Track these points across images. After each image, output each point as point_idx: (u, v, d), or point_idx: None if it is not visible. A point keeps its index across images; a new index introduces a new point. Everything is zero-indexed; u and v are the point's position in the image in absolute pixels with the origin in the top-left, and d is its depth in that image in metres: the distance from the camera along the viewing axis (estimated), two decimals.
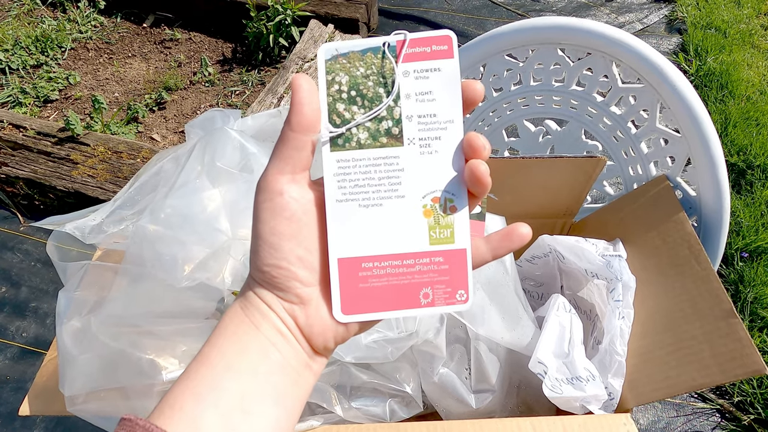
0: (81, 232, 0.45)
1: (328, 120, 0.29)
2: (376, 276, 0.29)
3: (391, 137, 0.29)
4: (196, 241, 0.38)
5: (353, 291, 0.29)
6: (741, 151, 1.53)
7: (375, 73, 0.29)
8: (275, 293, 0.29)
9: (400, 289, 0.30)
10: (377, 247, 0.29)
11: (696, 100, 0.59)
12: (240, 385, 0.27)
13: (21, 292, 1.26)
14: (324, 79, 0.29)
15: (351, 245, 0.29)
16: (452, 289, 0.30)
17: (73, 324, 0.47)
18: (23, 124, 1.47)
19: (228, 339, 0.28)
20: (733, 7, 2.06)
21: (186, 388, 0.27)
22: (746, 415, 1.10)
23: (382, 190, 0.29)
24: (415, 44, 0.30)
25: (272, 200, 0.28)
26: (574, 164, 0.59)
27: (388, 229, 0.29)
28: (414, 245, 0.29)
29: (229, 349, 0.28)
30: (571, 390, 0.50)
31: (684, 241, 0.56)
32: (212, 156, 0.40)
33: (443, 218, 0.30)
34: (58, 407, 0.50)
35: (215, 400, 0.26)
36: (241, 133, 0.41)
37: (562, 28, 0.64)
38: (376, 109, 0.29)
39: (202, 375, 0.27)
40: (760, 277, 1.26)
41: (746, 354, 0.47)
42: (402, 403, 0.54)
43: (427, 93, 0.30)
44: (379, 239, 0.29)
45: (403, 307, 0.30)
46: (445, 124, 0.29)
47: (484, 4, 2.03)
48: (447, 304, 0.30)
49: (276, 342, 0.28)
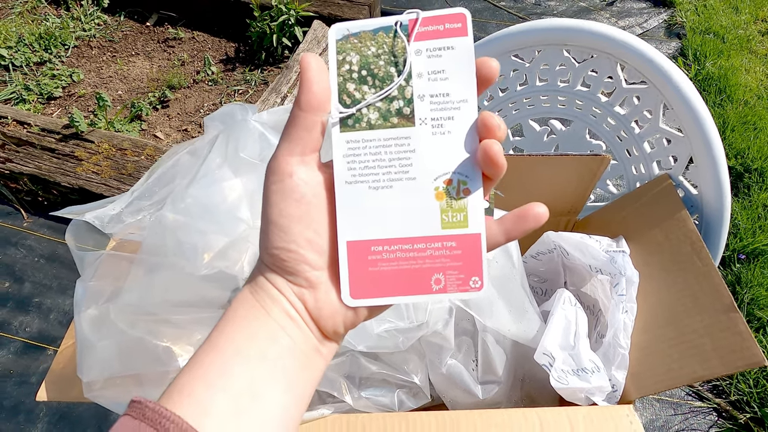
0: (101, 222, 0.46)
1: (338, 100, 0.28)
2: (386, 260, 0.28)
3: (402, 117, 0.28)
4: (217, 230, 0.39)
5: (362, 275, 0.28)
6: (739, 155, 1.55)
7: (386, 52, 0.29)
8: (285, 277, 0.28)
9: (411, 274, 0.29)
10: (387, 230, 0.28)
11: (699, 101, 0.60)
12: (249, 370, 0.27)
13: (24, 288, 1.27)
14: (335, 58, 0.29)
15: (360, 228, 0.28)
16: (465, 275, 0.29)
17: (90, 312, 0.48)
18: (27, 120, 1.47)
19: (237, 324, 0.28)
20: (731, 13, 2.09)
21: (195, 372, 0.27)
22: (743, 413, 1.12)
23: (393, 172, 0.28)
24: (428, 23, 0.29)
25: (282, 182, 0.28)
26: (579, 162, 0.60)
27: (398, 212, 0.28)
28: (425, 229, 0.28)
29: (239, 334, 0.28)
30: (577, 381, 0.51)
31: (686, 238, 0.57)
32: (235, 147, 0.41)
33: (456, 201, 0.28)
34: (74, 394, 0.51)
35: (224, 385, 0.26)
36: (263, 124, 0.42)
37: (568, 29, 0.65)
38: (387, 88, 0.28)
39: (212, 360, 0.27)
40: (756, 279, 1.27)
41: (746, 347, 0.49)
42: (410, 393, 0.55)
43: (440, 72, 0.29)
44: (389, 222, 0.28)
45: (414, 293, 0.29)
46: (458, 103, 0.28)
47: (485, 6, 2.05)
48: (460, 290, 0.29)
49: (285, 326, 0.28)
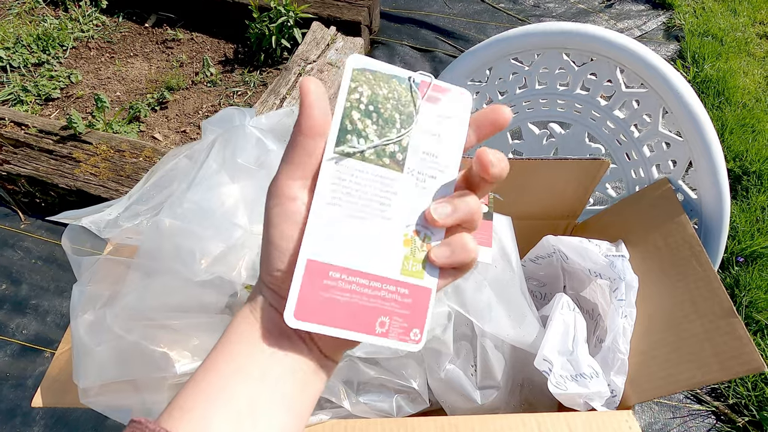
0: (97, 227, 0.46)
1: (340, 121, 0.29)
2: (340, 289, 0.28)
3: (394, 161, 0.30)
4: (214, 236, 0.39)
5: (313, 298, 0.28)
6: (737, 157, 1.55)
7: (395, 98, 0.30)
8: (285, 298, 0.28)
9: (360, 310, 0.29)
10: (350, 260, 0.29)
11: (698, 105, 0.60)
12: (250, 389, 0.27)
13: (21, 290, 1.26)
14: (347, 84, 0.29)
15: (325, 250, 0.28)
16: (408, 325, 0.29)
17: (87, 317, 0.48)
18: (25, 121, 1.47)
19: (238, 342, 0.28)
20: (730, 16, 2.09)
21: (196, 390, 0.27)
22: (741, 417, 1.12)
23: (371, 206, 0.29)
24: (437, 89, 0.31)
25: (283, 205, 0.28)
26: (579, 166, 0.60)
27: (365, 246, 0.29)
28: (386, 270, 0.29)
29: (239, 353, 0.28)
30: (576, 387, 0.51)
31: (685, 242, 0.57)
32: (232, 152, 0.41)
33: (419, 252, 0.30)
34: (69, 399, 0.51)
35: (225, 403, 0.26)
36: (261, 130, 0.42)
37: (568, 33, 0.65)
38: (396, 136, 0.30)
39: (212, 377, 0.27)
40: (755, 282, 1.27)
41: (746, 352, 0.49)
42: (408, 398, 0.55)
43: (436, 135, 0.30)
44: (353, 253, 0.29)
45: (357, 330, 0.29)
46: (443, 167, 0.30)
47: (485, 8, 2.05)
48: (400, 339, 0.29)
49: (285, 346, 0.28)
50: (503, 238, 0.54)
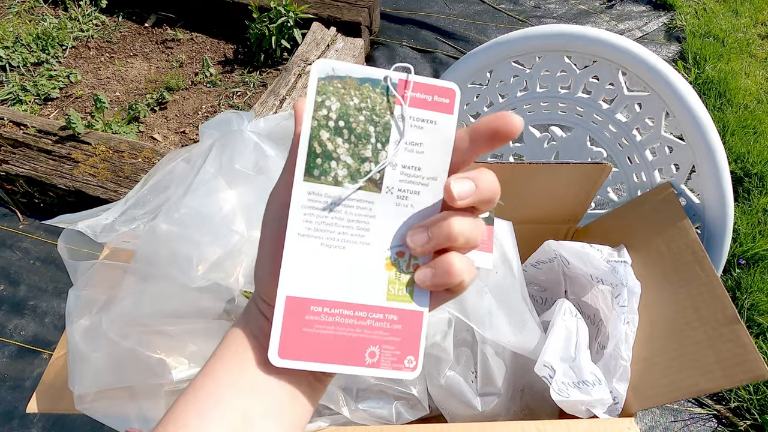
0: (93, 231, 0.45)
1: (307, 146, 0.26)
2: (324, 323, 0.27)
3: (370, 181, 0.27)
4: (211, 242, 0.39)
5: (296, 335, 0.27)
6: (739, 159, 1.55)
7: (369, 108, 0.27)
8: None
9: (347, 342, 0.27)
10: (331, 292, 0.27)
11: (701, 109, 0.60)
12: (242, 402, 0.27)
13: (19, 290, 1.26)
14: (313, 98, 0.27)
15: (303, 285, 0.27)
16: (401, 352, 0.28)
17: (83, 322, 0.47)
18: (24, 121, 1.46)
19: (231, 355, 0.28)
20: (731, 17, 2.09)
21: (190, 402, 0.27)
22: (743, 420, 1.11)
23: (349, 233, 0.27)
24: (417, 89, 0.28)
25: (282, 212, 0.28)
26: (581, 170, 0.59)
27: (346, 276, 0.27)
28: (370, 297, 0.27)
29: (234, 366, 0.28)
30: (578, 394, 0.50)
31: (688, 247, 0.56)
32: (230, 157, 0.40)
33: (404, 275, 0.28)
34: (65, 405, 0.50)
35: (219, 417, 0.26)
36: (258, 135, 0.42)
37: (569, 35, 0.65)
38: (375, 168, 0.27)
39: (206, 390, 0.27)
40: (756, 284, 1.27)
41: (750, 359, 0.48)
42: (408, 405, 0.54)
43: (418, 144, 0.27)
44: (334, 284, 0.27)
45: (345, 363, 0.27)
46: (428, 180, 0.28)
47: (485, 9, 2.05)
48: (393, 368, 0.28)
49: None
50: (504, 244, 0.53)
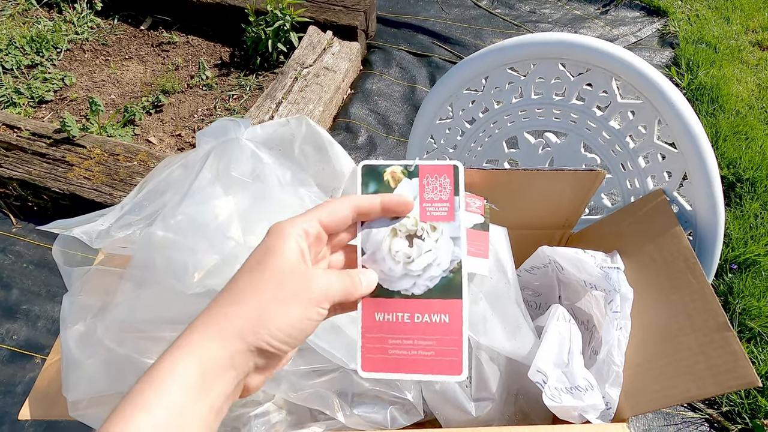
0: (89, 237, 0.45)
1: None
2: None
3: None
4: (207, 249, 0.39)
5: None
6: (731, 165, 1.56)
7: None
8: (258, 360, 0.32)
9: None
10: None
11: (693, 117, 0.60)
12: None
13: (12, 294, 1.25)
14: None
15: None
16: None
17: (77, 328, 0.47)
18: (17, 124, 1.46)
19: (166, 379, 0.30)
20: (723, 23, 2.11)
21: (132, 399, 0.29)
22: (734, 424, 1.12)
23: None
24: None
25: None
26: (575, 177, 0.60)
27: None
28: None
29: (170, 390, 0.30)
30: (571, 399, 0.51)
31: (680, 254, 0.57)
32: (227, 165, 0.40)
33: None
34: (58, 411, 0.50)
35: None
36: (255, 143, 0.42)
37: (563, 43, 0.65)
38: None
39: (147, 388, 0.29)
40: (748, 289, 1.28)
41: (740, 366, 0.49)
42: (403, 410, 0.55)
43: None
44: None
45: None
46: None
47: (481, 13, 2.06)
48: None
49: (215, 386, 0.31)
50: (499, 250, 0.54)
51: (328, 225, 0.35)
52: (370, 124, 1.65)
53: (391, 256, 0.36)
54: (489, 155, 0.80)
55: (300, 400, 0.48)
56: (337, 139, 1.62)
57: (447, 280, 0.36)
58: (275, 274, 0.32)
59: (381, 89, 1.74)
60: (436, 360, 0.35)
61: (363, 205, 0.36)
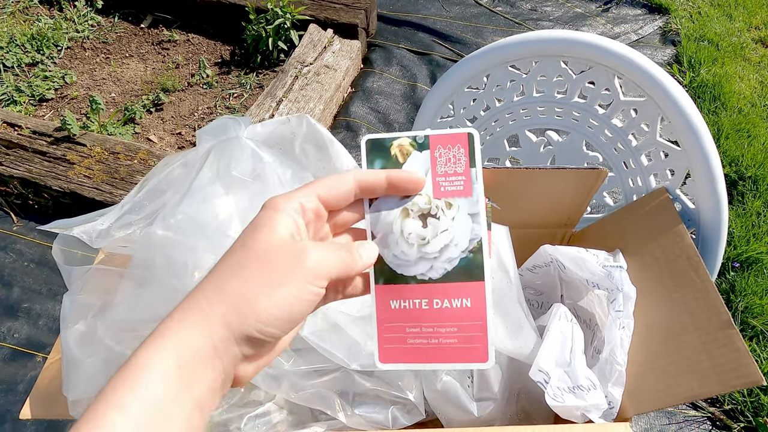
0: (89, 237, 0.45)
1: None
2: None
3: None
4: (207, 248, 0.39)
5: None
6: (733, 162, 1.56)
7: None
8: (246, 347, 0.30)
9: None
10: None
11: (696, 115, 0.60)
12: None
13: (13, 293, 1.25)
14: None
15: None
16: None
17: (78, 328, 0.47)
18: (18, 122, 1.45)
19: (148, 375, 0.27)
20: (725, 20, 2.10)
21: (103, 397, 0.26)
22: (736, 423, 1.12)
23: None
24: None
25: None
26: (577, 175, 0.59)
27: None
28: None
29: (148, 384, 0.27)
30: (573, 399, 0.50)
31: (683, 252, 0.57)
32: (227, 164, 0.40)
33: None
34: (59, 411, 0.50)
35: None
36: (256, 141, 0.42)
37: (565, 41, 0.65)
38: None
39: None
40: (751, 287, 1.28)
41: (744, 365, 0.48)
42: (404, 410, 0.54)
43: None
44: None
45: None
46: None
47: (481, 12, 2.05)
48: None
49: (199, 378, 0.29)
50: (501, 249, 0.53)
51: (328, 200, 0.32)
52: (370, 123, 1.65)
53: (404, 239, 0.34)
54: (490, 154, 0.79)
55: (301, 400, 0.48)
56: (337, 137, 1.62)
57: (467, 261, 0.33)
58: (262, 252, 0.29)
59: (381, 87, 1.74)
60: (459, 347, 0.33)
61: (367, 180, 0.32)
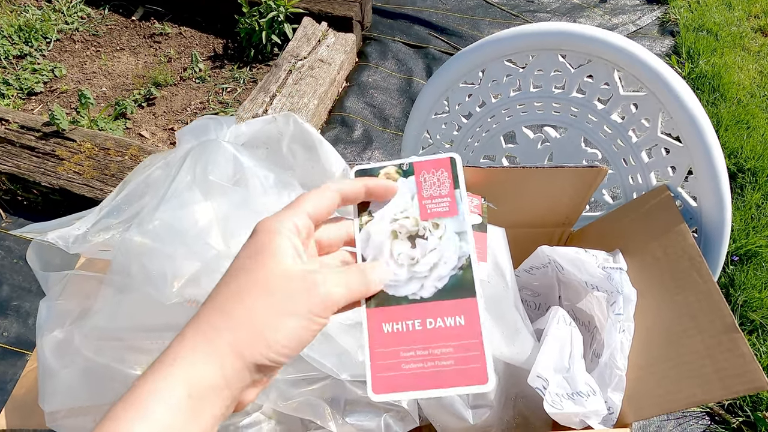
0: (64, 242, 0.43)
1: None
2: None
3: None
4: (186, 255, 0.37)
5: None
6: (732, 154, 1.54)
7: None
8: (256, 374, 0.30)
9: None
10: None
11: (699, 109, 0.58)
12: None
13: (2, 291, 1.23)
14: None
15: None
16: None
17: (54, 335, 0.45)
18: (6, 116, 1.42)
19: (153, 399, 0.28)
20: (725, 10, 2.07)
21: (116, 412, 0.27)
22: (735, 417, 1.11)
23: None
24: None
25: None
26: (575, 174, 0.58)
27: None
28: None
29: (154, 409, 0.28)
30: (572, 405, 0.49)
31: (685, 252, 0.55)
32: (204, 168, 0.38)
33: None
34: (37, 421, 0.48)
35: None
36: (236, 145, 0.39)
37: (563, 33, 0.63)
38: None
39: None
40: (750, 281, 1.26)
41: (749, 370, 0.47)
42: (397, 417, 0.53)
43: None
44: None
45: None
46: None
47: (478, 3, 2.02)
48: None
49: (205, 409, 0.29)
50: (497, 252, 0.52)
51: (317, 216, 0.32)
52: (366, 118, 1.62)
53: (394, 260, 0.34)
54: (486, 151, 0.77)
55: (290, 410, 0.47)
56: (332, 132, 1.60)
57: (457, 279, 0.34)
58: (266, 278, 0.29)
59: (377, 82, 1.71)
60: (456, 370, 0.32)
61: (347, 190, 0.34)
